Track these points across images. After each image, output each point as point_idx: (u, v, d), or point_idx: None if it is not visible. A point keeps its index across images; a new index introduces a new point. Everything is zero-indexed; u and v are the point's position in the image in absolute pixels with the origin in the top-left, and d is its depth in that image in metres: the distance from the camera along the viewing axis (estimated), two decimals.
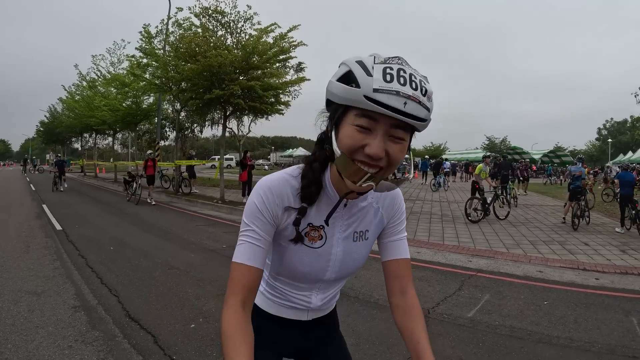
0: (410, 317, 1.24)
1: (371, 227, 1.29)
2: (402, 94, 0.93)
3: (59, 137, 45.19)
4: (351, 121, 1.00)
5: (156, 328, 3.96)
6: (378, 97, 0.93)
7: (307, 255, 1.21)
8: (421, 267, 6.46)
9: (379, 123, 0.97)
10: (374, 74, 0.94)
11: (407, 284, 1.30)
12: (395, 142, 1.00)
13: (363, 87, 0.94)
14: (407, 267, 1.33)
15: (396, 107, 0.93)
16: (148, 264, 6.34)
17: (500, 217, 11.79)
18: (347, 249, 1.25)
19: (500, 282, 5.78)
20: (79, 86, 29.36)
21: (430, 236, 9.00)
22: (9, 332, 3.83)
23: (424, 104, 0.96)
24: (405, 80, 0.94)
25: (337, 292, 1.44)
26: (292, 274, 1.26)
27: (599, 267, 6.63)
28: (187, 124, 32.40)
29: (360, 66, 0.97)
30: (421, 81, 0.97)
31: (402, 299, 1.28)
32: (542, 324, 4.29)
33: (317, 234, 1.20)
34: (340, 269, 1.27)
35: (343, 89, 0.98)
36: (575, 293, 5.38)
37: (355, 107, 0.98)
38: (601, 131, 79.08)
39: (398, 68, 0.95)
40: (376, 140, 0.98)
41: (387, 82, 0.93)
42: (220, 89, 13.74)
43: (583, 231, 9.95)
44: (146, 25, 17.16)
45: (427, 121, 1.01)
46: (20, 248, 7.26)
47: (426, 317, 4.36)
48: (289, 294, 1.33)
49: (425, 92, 0.97)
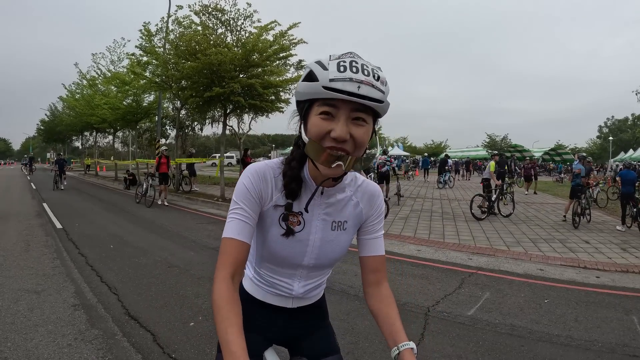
0: (385, 304, 1.36)
1: (350, 218, 1.38)
2: (355, 79, 1.05)
3: (59, 136, 45.19)
4: (316, 112, 1.11)
5: (155, 326, 3.96)
6: (334, 85, 1.04)
7: (286, 239, 1.30)
8: (421, 265, 6.45)
9: (340, 109, 1.09)
10: (329, 68, 1.07)
11: (382, 278, 1.42)
12: (358, 125, 1.11)
13: (321, 80, 1.06)
14: (383, 263, 1.44)
15: (351, 91, 1.04)
16: (148, 262, 6.34)
17: (504, 215, 11.85)
18: (325, 236, 1.34)
19: (500, 280, 5.77)
20: (79, 85, 29.33)
21: (431, 234, 9.01)
22: (9, 330, 3.82)
23: (377, 87, 1.07)
24: (357, 69, 1.06)
25: (322, 283, 1.51)
26: (273, 257, 1.35)
27: (599, 265, 6.63)
28: (188, 122, 32.38)
29: (318, 64, 1.10)
30: (373, 69, 1.09)
31: (377, 289, 1.41)
32: (543, 322, 4.29)
33: (295, 220, 1.29)
34: (318, 255, 1.35)
35: (305, 86, 1.11)
36: (575, 291, 5.37)
37: (318, 99, 1.10)
38: (602, 129, 78.99)
39: (350, 60, 1.08)
40: (339, 124, 1.08)
41: (341, 72, 1.05)
42: (220, 87, 13.71)
43: (584, 229, 9.94)
44: (146, 24, 17.13)
45: (384, 103, 1.11)
46: (21, 246, 7.26)
47: (426, 315, 4.37)
48: (273, 280, 1.41)
49: (378, 78, 1.09)
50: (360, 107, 1.09)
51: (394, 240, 8.20)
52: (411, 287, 5.34)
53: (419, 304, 4.72)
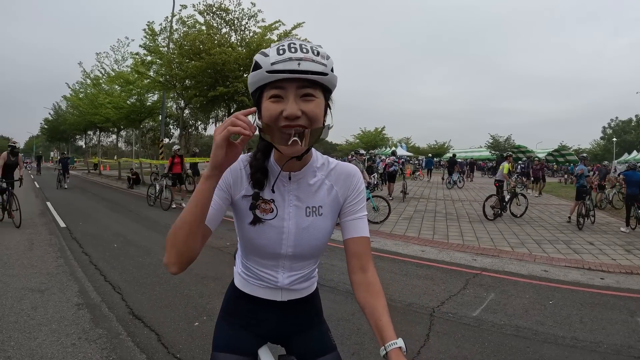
0: (371, 295, 1.31)
1: (325, 203, 1.37)
2: (294, 58, 1.09)
3: (63, 135, 45.32)
4: (266, 97, 1.15)
5: (160, 326, 3.95)
6: (276, 67, 1.09)
7: (261, 226, 1.31)
8: (426, 266, 6.43)
9: (287, 89, 1.12)
10: (270, 54, 1.11)
11: (366, 262, 1.36)
12: (307, 101, 1.13)
13: (264, 66, 1.11)
14: (366, 245, 1.39)
15: (292, 68, 1.08)
16: (152, 261, 6.34)
17: (516, 215, 11.87)
18: (300, 222, 1.33)
19: (505, 281, 5.74)
20: (83, 84, 29.38)
21: (435, 234, 8.98)
22: (12, 329, 3.82)
23: (317, 61, 1.11)
24: (295, 48, 1.10)
25: (309, 275, 1.48)
26: (253, 247, 1.37)
27: (604, 266, 6.59)
28: (191, 122, 32.46)
29: (261, 54, 1.14)
30: (312, 47, 1.13)
31: (363, 276, 1.34)
32: (548, 323, 4.26)
33: (267, 207, 1.31)
34: (295, 243, 1.34)
35: (252, 76, 1.16)
36: (580, 293, 5.34)
37: (265, 85, 1.14)
38: (606, 130, 78.63)
39: (289, 43, 1.12)
40: (289, 103, 1.11)
41: (281, 55, 1.09)
42: (224, 87, 13.74)
43: (588, 230, 9.90)
44: (150, 23, 17.16)
45: (328, 75, 1.14)
46: (24, 245, 7.27)
47: (431, 316, 4.36)
48: (258, 272, 1.41)
49: (318, 53, 1.12)
50: (306, 84, 1.12)
51: (398, 241, 8.18)
52: (416, 287, 5.32)
53: (424, 304, 4.70)
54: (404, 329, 4.00)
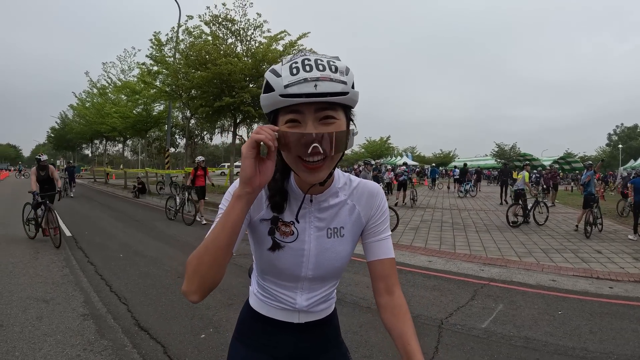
0: (398, 318, 1.26)
1: (347, 224, 1.30)
2: (309, 79, 0.99)
3: (69, 143, 45.59)
4: (282, 122, 1.06)
5: (166, 338, 3.93)
6: (290, 90, 0.99)
7: (281, 250, 1.24)
8: (433, 277, 6.37)
9: (304, 113, 1.03)
10: (282, 74, 1.01)
11: (393, 284, 1.31)
12: (327, 125, 1.05)
13: (276, 89, 1.01)
14: (392, 266, 1.33)
15: (308, 92, 0.99)
16: (158, 271, 6.32)
17: (539, 223, 12.04)
18: (321, 245, 1.27)
19: (513, 291, 5.68)
20: (89, 93, 29.62)
21: (442, 245, 8.92)
22: (17, 339, 3.81)
23: (336, 79, 1.01)
24: (311, 66, 1.00)
25: (329, 297, 1.41)
26: (271, 270, 1.30)
27: (612, 275, 6.52)
28: (197, 132, 32.56)
29: (272, 73, 1.04)
30: (329, 61, 1.03)
31: (389, 298, 1.30)
32: (557, 334, 4.20)
33: (288, 229, 1.24)
34: (316, 265, 1.28)
35: (264, 98, 1.06)
36: (589, 302, 5.28)
37: (280, 108, 1.05)
38: (611, 137, 78.42)
39: (302, 59, 1.01)
40: (307, 129, 1.03)
41: (294, 75, 0.99)
42: (230, 97, 13.78)
43: (596, 239, 9.80)
44: (157, 33, 17.28)
45: (349, 93, 1.04)
46: (30, 254, 7.28)
47: (439, 328, 4.30)
48: (276, 293, 1.34)
49: (336, 69, 1.02)
50: (325, 105, 1.03)
51: (405, 251, 8.13)
52: (424, 298, 5.27)
53: (432, 316, 4.65)
54: None
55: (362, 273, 5.96)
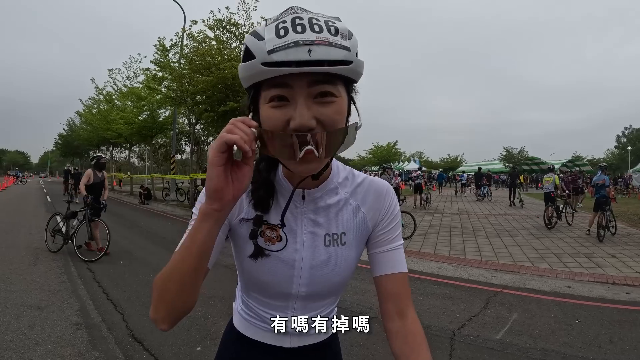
0: (412, 348, 1.01)
1: (350, 229, 1.04)
2: (301, 42, 0.75)
3: (76, 150, 45.92)
4: (264, 99, 0.83)
5: (160, 350, 3.73)
6: (275, 57, 0.75)
7: (265, 260, 1.00)
8: (443, 284, 6.14)
9: (293, 88, 0.79)
10: (266, 36, 0.77)
11: (405, 305, 1.05)
12: (324, 104, 0.81)
13: (258, 55, 0.78)
14: (405, 283, 1.07)
15: (299, 59, 0.75)
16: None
17: (569, 223, 12.74)
18: (317, 254, 1.02)
19: (527, 299, 5.43)
20: (95, 99, 29.77)
21: (452, 250, 8.69)
22: (6, 348, 3.65)
23: (337, 44, 0.77)
24: (303, 27, 0.76)
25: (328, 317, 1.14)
26: (257, 286, 1.06)
27: (628, 280, 6.29)
28: (203, 137, 32.59)
29: (254, 36, 0.80)
30: (327, 21, 0.78)
31: (401, 323, 1.03)
32: (576, 345, 3.96)
33: (274, 234, 1.00)
34: (310, 280, 1.03)
35: (243, 68, 0.82)
36: (607, 309, 5.03)
37: (263, 81, 0.81)
38: (620, 139, 77.66)
39: (292, 18, 0.78)
40: (298, 109, 0.79)
41: (281, 37, 0.76)
42: (235, 102, 13.68)
43: (609, 243, 9.53)
44: (161, 39, 17.27)
45: (352, 62, 0.79)
46: (29, 260, 7.12)
47: (452, 340, 4.06)
48: (263, 314, 1.09)
49: (336, 31, 0.78)
50: (322, 78, 0.79)
51: (414, 258, 7.89)
52: (434, 307, 5.03)
53: (444, 327, 4.40)
54: None
55: (369, 281, 5.67)
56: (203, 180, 18.99)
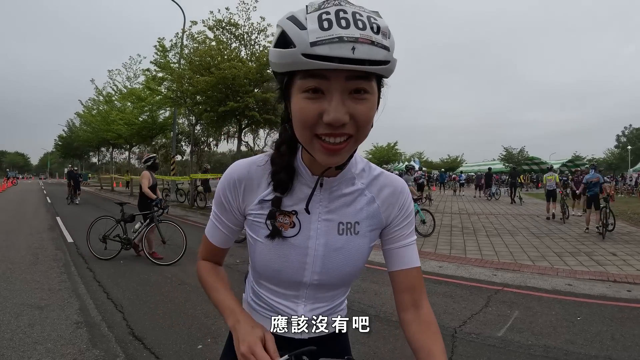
0: (427, 335, 1.04)
1: (363, 219, 1.07)
2: (346, 38, 0.75)
3: (76, 151, 45.87)
4: (299, 88, 0.83)
5: (161, 348, 3.71)
6: (318, 50, 0.75)
7: (279, 246, 1.03)
8: (444, 282, 6.13)
9: (330, 81, 0.80)
10: (308, 26, 0.77)
11: (420, 297, 1.10)
12: (358, 101, 0.83)
13: (299, 45, 0.77)
14: (419, 277, 1.12)
15: (343, 55, 0.75)
16: (158, 278, 6.13)
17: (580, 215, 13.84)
18: (330, 242, 1.04)
19: (528, 297, 5.43)
20: (95, 101, 29.73)
21: (452, 249, 8.69)
22: (6, 347, 3.64)
23: (378, 43, 0.78)
24: (347, 21, 0.76)
25: (337, 309, 1.18)
26: (267, 272, 1.07)
27: (629, 278, 6.29)
28: (203, 138, 32.56)
29: (292, 22, 0.79)
30: (370, 17, 0.79)
31: (417, 313, 1.08)
32: (578, 342, 3.95)
33: (288, 221, 1.03)
34: (322, 268, 1.05)
35: (278, 55, 0.81)
36: (608, 307, 5.04)
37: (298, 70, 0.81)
38: (620, 138, 77.65)
39: (336, 10, 0.77)
40: (333, 103, 0.80)
41: (326, 30, 0.76)
42: (234, 102, 13.68)
43: (610, 241, 9.55)
44: (161, 39, 17.25)
45: (390, 62, 0.81)
46: (29, 259, 7.12)
47: (453, 337, 4.06)
48: (273, 303, 1.11)
49: (378, 29, 0.78)
50: (360, 74, 0.80)
51: None
52: (435, 306, 4.98)
53: (445, 324, 4.39)
54: None
55: (369, 279, 5.72)
56: (203, 181, 19.02)
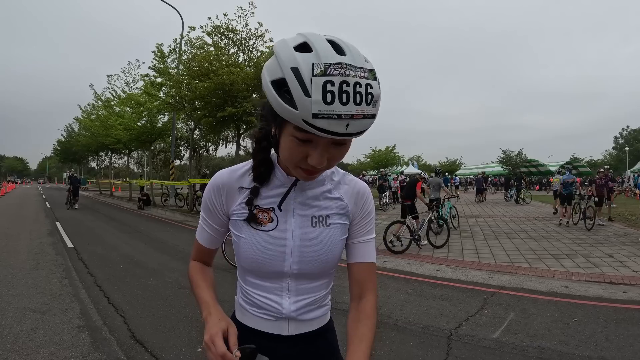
0: (357, 321, 1.18)
1: (333, 214, 1.20)
2: (344, 116, 0.85)
3: (75, 156, 45.80)
4: (290, 132, 0.95)
5: (161, 351, 3.77)
6: (318, 123, 0.85)
7: (260, 239, 1.14)
8: (441, 285, 6.19)
9: (319, 138, 0.93)
10: (312, 94, 0.84)
11: (367, 290, 1.22)
12: (338, 147, 0.98)
13: (301, 110, 0.86)
14: (371, 272, 1.24)
15: (337, 131, 0.87)
16: (158, 283, 6.17)
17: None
18: (306, 233, 1.16)
19: (524, 299, 5.49)
20: (94, 106, 29.73)
21: (450, 253, 8.74)
22: (9, 350, 3.69)
23: (369, 114, 0.88)
24: (348, 96, 0.84)
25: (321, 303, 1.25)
26: (252, 265, 1.17)
27: (625, 279, 6.35)
28: (202, 143, 32.59)
29: (296, 78, 0.86)
30: (367, 85, 0.87)
31: (357, 302, 1.21)
32: (572, 343, 4.01)
33: (266, 217, 1.15)
34: (300, 258, 1.15)
35: (282, 109, 0.90)
36: (603, 308, 5.09)
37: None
38: (618, 139, 77.74)
39: (341, 81, 0.84)
40: (317, 152, 0.95)
41: (328, 104, 0.84)
42: (233, 107, 13.73)
43: (607, 243, 9.63)
44: (159, 45, 17.32)
45: (374, 119, 0.93)
46: (30, 265, 7.16)
47: (449, 339, 4.11)
48: (259, 299, 1.20)
49: (371, 99, 0.88)
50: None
51: (412, 260, 7.95)
52: (431, 308, 5.08)
53: (441, 327, 4.45)
54: (420, 354, 3.76)
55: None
56: (202, 185, 19.04)
